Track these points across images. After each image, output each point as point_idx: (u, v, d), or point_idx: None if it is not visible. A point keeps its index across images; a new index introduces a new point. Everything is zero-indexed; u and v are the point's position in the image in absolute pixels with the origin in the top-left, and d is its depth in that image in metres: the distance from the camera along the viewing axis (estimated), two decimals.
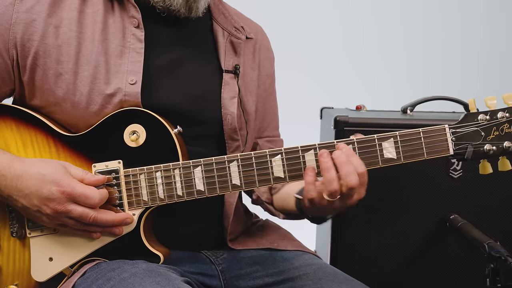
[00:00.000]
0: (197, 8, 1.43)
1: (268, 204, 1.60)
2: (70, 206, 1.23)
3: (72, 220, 1.25)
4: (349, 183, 1.21)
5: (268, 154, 1.29)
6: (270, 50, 1.70)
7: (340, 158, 1.23)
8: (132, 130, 1.31)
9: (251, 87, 1.57)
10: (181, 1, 1.40)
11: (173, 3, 1.40)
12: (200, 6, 1.44)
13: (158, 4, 1.41)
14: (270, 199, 1.58)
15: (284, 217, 1.58)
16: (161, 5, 1.41)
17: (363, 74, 3.23)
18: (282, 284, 1.43)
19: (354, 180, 1.21)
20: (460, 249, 1.91)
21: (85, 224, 1.26)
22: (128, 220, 1.29)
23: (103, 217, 1.26)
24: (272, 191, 1.57)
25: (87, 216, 1.24)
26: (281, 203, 1.55)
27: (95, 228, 1.28)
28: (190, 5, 1.42)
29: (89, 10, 1.38)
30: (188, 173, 1.29)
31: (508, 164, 1.29)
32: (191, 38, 1.50)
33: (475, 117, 1.28)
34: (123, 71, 1.35)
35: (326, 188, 1.23)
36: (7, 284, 1.32)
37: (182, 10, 1.42)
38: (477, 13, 3.27)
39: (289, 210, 1.51)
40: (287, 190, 1.52)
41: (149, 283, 1.18)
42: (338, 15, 3.23)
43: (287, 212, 1.54)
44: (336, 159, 1.23)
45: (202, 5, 1.44)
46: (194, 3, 1.42)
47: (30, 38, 1.33)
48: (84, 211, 1.24)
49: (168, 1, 1.40)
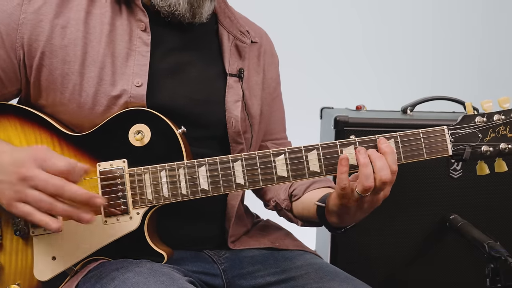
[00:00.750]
0: (201, 14, 1.44)
1: (287, 211, 1.60)
2: (36, 171, 1.16)
3: (36, 191, 1.16)
4: (382, 177, 1.23)
5: (271, 154, 1.30)
6: (275, 55, 1.71)
7: (375, 153, 1.26)
8: (137, 130, 1.31)
9: (256, 91, 1.58)
10: (186, 6, 1.41)
11: (178, 8, 1.40)
12: (204, 12, 1.45)
13: (163, 9, 1.42)
14: (289, 206, 1.58)
15: (303, 224, 1.58)
16: (166, 10, 1.42)
17: (363, 74, 3.23)
18: (283, 283, 1.43)
19: (386, 174, 1.24)
20: (460, 249, 1.92)
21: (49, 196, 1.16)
22: (98, 200, 1.18)
23: (71, 187, 1.16)
24: (293, 198, 1.57)
25: (52, 181, 1.16)
26: (301, 210, 1.55)
27: (59, 205, 1.17)
28: (194, 10, 1.43)
29: (96, 11, 1.39)
30: (192, 172, 1.30)
31: (504, 165, 1.32)
32: (197, 42, 1.51)
33: (473, 119, 1.31)
34: (129, 73, 1.36)
35: (361, 183, 1.24)
36: (9, 283, 1.32)
37: (186, 15, 1.42)
38: (477, 13, 3.28)
39: (309, 218, 1.51)
40: (308, 197, 1.52)
41: (153, 282, 1.18)
42: (338, 15, 3.23)
43: (306, 219, 1.54)
44: (371, 155, 1.26)
45: (206, 11, 1.45)
46: (198, 8, 1.43)
47: (37, 38, 1.33)
48: (50, 176, 1.16)
49: (174, 7, 1.40)
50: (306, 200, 1.53)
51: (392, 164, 1.26)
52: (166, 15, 1.43)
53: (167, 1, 1.40)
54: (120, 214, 1.30)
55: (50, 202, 1.17)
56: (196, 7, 1.42)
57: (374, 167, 1.25)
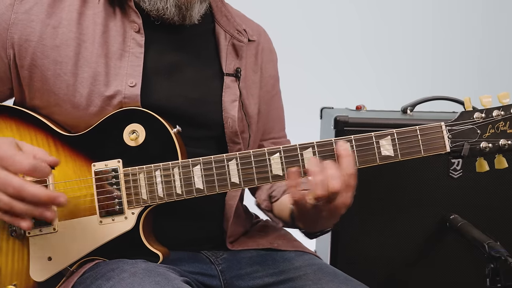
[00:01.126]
0: (191, 16, 1.43)
1: (268, 212, 1.60)
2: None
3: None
4: (330, 187, 1.19)
5: (266, 152, 1.29)
6: (273, 52, 1.70)
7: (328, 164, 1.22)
8: (131, 130, 1.31)
9: (253, 90, 1.57)
10: (174, 10, 1.40)
11: (166, 12, 1.40)
12: (194, 14, 1.44)
13: (152, 13, 1.41)
14: (269, 207, 1.58)
15: (283, 226, 1.57)
16: (154, 14, 1.41)
17: (363, 74, 3.23)
18: (282, 284, 1.42)
19: (335, 184, 1.19)
20: (460, 249, 1.92)
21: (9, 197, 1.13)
22: (61, 200, 1.14)
23: (30, 189, 1.12)
24: (272, 199, 1.56)
25: (10, 182, 1.11)
26: (278, 212, 1.55)
27: (17, 206, 1.13)
28: (183, 13, 1.42)
29: (89, 12, 1.38)
30: (187, 172, 1.30)
31: (504, 161, 1.30)
32: (193, 42, 1.50)
33: (471, 115, 1.29)
34: (122, 73, 1.35)
35: (313, 192, 1.20)
36: (5, 284, 1.32)
37: (175, 18, 1.42)
38: (477, 13, 3.28)
39: (284, 220, 1.51)
40: (285, 200, 1.52)
41: (148, 283, 1.18)
42: (338, 15, 3.23)
43: (283, 221, 1.54)
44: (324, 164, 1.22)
45: (196, 12, 1.44)
46: (187, 11, 1.42)
47: (28, 38, 1.33)
48: (8, 176, 1.12)
49: (162, 11, 1.40)
50: (283, 202, 1.52)
51: (347, 169, 1.22)
52: (156, 18, 1.43)
53: (155, 6, 1.40)
54: (115, 214, 1.30)
55: (7, 203, 1.14)
56: (185, 10, 1.42)
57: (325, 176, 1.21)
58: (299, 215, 1.33)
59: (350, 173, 1.22)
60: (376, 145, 1.28)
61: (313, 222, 1.33)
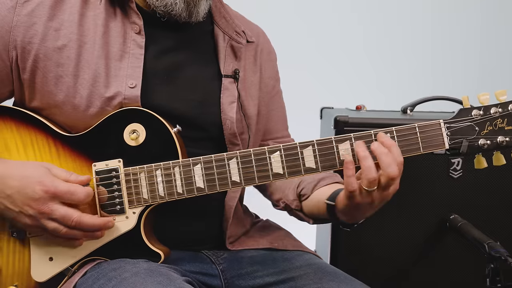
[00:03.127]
0: (197, 12, 1.44)
1: (298, 211, 1.59)
2: (54, 206, 1.23)
3: (54, 223, 1.24)
4: (390, 174, 1.21)
5: (267, 151, 1.29)
6: (272, 52, 1.70)
7: (379, 149, 1.24)
8: (132, 129, 1.31)
9: (253, 91, 1.57)
10: (183, 6, 1.40)
11: (175, 8, 1.40)
12: (201, 11, 1.44)
13: (159, 9, 1.41)
14: (299, 206, 1.57)
15: (314, 222, 1.57)
16: (162, 10, 1.41)
17: (363, 74, 3.23)
18: (282, 283, 1.42)
19: (394, 171, 1.22)
20: (460, 249, 1.92)
21: (67, 227, 1.25)
22: (109, 224, 1.28)
23: (87, 220, 1.25)
24: (301, 198, 1.56)
25: (70, 217, 1.23)
26: (311, 209, 1.53)
27: (77, 232, 1.26)
28: (190, 9, 1.42)
29: (90, 13, 1.38)
30: (188, 171, 1.30)
31: (502, 158, 1.31)
32: (192, 43, 1.50)
33: (469, 112, 1.30)
34: (122, 75, 1.35)
35: (366, 176, 1.22)
36: (6, 285, 1.32)
37: (183, 14, 1.42)
38: (477, 13, 3.28)
39: (319, 216, 1.50)
40: (317, 196, 1.51)
41: (150, 282, 1.18)
42: (338, 15, 3.23)
43: (317, 217, 1.53)
44: (375, 150, 1.24)
45: (202, 9, 1.44)
46: (194, 7, 1.42)
47: (30, 41, 1.33)
48: (68, 212, 1.24)
49: (170, 6, 1.40)
50: (315, 198, 1.51)
51: (398, 157, 1.24)
52: (162, 15, 1.42)
53: (163, 1, 1.40)
54: (116, 214, 1.30)
55: (66, 231, 1.26)
56: (192, 6, 1.42)
57: (381, 164, 1.22)
58: (349, 207, 1.30)
59: (401, 160, 1.24)
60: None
61: (361, 212, 1.32)
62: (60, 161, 1.33)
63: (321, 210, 1.46)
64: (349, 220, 1.39)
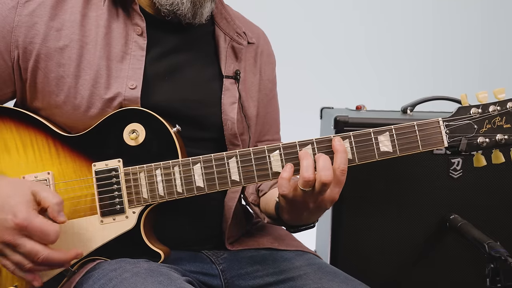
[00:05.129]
0: (202, 14, 1.44)
1: (254, 206, 1.60)
2: (20, 240, 1.15)
3: (18, 256, 1.17)
4: (322, 178, 1.20)
5: (266, 150, 1.29)
6: (272, 55, 1.70)
7: (320, 154, 1.24)
8: (131, 129, 1.31)
9: (252, 92, 1.57)
10: (189, 6, 1.40)
11: (181, 7, 1.40)
12: (205, 12, 1.44)
13: (164, 8, 1.41)
14: (257, 201, 1.58)
15: (268, 221, 1.56)
16: (167, 9, 1.41)
17: (363, 74, 3.23)
18: (282, 283, 1.43)
19: (327, 175, 1.20)
20: (460, 249, 1.92)
21: (33, 263, 1.17)
22: (78, 256, 1.22)
23: (55, 257, 1.18)
24: (260, 193, 1.56)
25: (36, 254, 1.15)
26: (264, 205, 1.55)
27: (43, 268, 1.20)
28: (196, 10, 1.42)
29: (92, 14, 1.38)
30: (187, 170, 1.30)
31: (501, 156, 1.31)
32: (193, 44, 1.50)
33: (468, 110, 1.30)
34: (123, 76, 1.35)
35: (301, 175, 1.22)
36: (6, 285, 1.31)
37: (188, 15, 1.42)
38: (477, 13, 3.28)
39: (270, 214, 1.51)
40: (272, 193, 1.52)
41: (151, 282, 1.18)
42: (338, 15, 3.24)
43: (269, 216, 1.53)
44: (316, 155, 1.24)
45: (206, 11, 1.45)
46: (199, 8, 1.42)
47: (32, 41, 1.33)
48: (34, 248, 1.16)
49: (176, 6, 1.40)
50: (270, 195, 1.53)
51: (340, 164, 1.23)
52: (167, 14, 1.42)
53: (169, 0, 1.40)
54: (116, 214, 1.30)
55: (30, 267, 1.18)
56: (198, 6, 1.42)
57: (317, 166, 1.22)
58: (286, 206, 1.31)
59: (342, 168, 1.23)
60: (374, 141, 1.29)
61: (299, 213, 1.31)
62: (60, 162, 1.33)
63: (271, 207, 1.47)
64: (290, 220, 1.38)
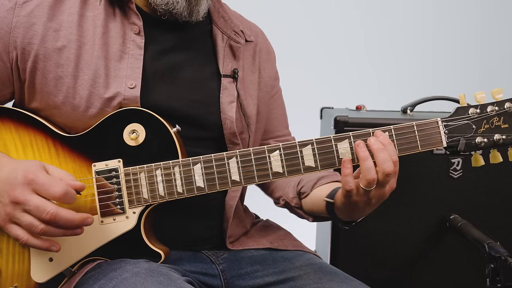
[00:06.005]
0: (198, 12, 1.44)
1: (298, 209, 1.59)
2: (29, 196, 1.15)
3: (29, 216, 1.16)
4: (386, 170, 1.23)
5: (266, 150, 1.30)
6: (271, 52, 1.70)
7: (376, 145, 1.26)
8: (131, 129, 1.31)
9: (252, 90, 1.57)
10: (184, 5, 1.41)
11: (176, 6, 1.40)
12: (201, 10, 1.44)
13: (160, 7, 1.41)
14: (299, 204, 1.58)
15: (313, 220, 1.58)
16: (163, 8, 1.41)
17: (363, 74, 3.23)
18: (282, 283, 1.43)
19: (390, 166, 1.24)
20: (460, 249, 1.92)
21: (43, 223, 1.16)
22: (89, 220, 1.21)
23: (64, 214, 1.16)
24: (301, 196, 1.56)
25: (45, 208, 1.15)
26: (310, 207, 1.54)
27: (54, 229, 1.18)
28: (191, 8, 1.42)
29: (89, 14, 1.38)
30: (188, 170, 1.30)
31: (498, 156, 1.32)
32: (191, 43, 1.50)
33: (466, 110, 1.31)
34: (122, 75, 1.35)
35: (365, 177, 1.24)
36: (6, 286, 1.31)
37: (184, 13, 1.42)
38: (477, 13, 3.28)
39: (319, 214, 1.51)
40: (317, 194, 1.51)
41: (151, 282, 1.18)
42: (338, 15, 3.24)
43: (316, 215, 1.54)
44: (372, 146, 1.26)
45: (202, 9, 1.45)
46: (195, 6, 1.43)
47: (30, 41, 1.33)
48: (43, 203, 1.15)
49: (171, 5, 1.40)
50: (314, 196, 1.52)
51: (393, 155, 1.26)
52: (163, 13, 1.42)
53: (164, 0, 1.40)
54: (116, 214, 1.30)
55: (42, 228, 1.17)
56: (194, 4, 1.42)
57: (376, 160, 1.25)
58: (346, 205, 1.32)
59: (396, 159, 1.26)
60: None
61: (358, 210, 1.33)
62: (59, 162, 1.33)
63: (320, 208, 1.47)
64: (347, 218, 1.40)
